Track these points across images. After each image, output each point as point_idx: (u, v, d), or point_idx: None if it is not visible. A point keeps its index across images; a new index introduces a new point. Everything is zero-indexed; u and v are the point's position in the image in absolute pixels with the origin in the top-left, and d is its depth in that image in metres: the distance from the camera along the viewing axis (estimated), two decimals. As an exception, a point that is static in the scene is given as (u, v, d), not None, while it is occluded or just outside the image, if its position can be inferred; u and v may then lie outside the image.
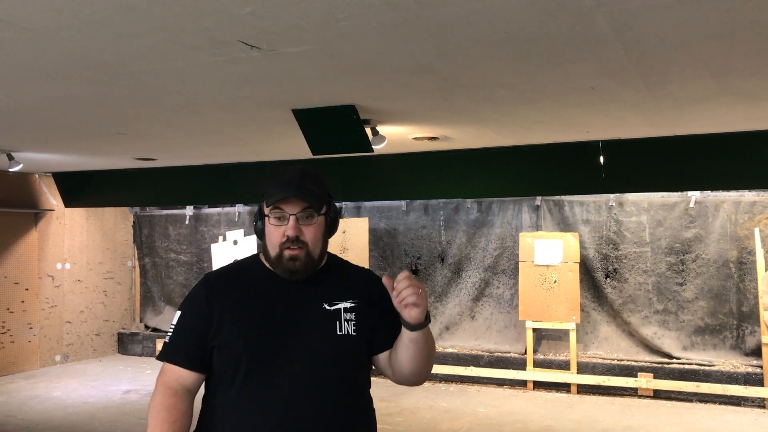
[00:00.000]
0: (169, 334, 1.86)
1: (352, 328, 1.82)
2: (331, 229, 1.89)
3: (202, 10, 2.26)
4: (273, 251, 1.81)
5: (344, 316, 1.83)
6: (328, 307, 1.83)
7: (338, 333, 1.81)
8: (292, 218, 1.79)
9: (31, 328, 8.06)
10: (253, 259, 1.94)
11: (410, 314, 1.71)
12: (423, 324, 1.74)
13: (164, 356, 1.84)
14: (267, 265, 1.87)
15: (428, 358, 1.85)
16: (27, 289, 8.04)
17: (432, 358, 1.87)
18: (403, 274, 1.72)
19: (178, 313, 1.88)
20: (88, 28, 2.44)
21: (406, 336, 1.78)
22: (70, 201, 8.21)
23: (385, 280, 1.75)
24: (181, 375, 1.80)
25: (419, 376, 1.87)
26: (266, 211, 1.83)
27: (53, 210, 8.33)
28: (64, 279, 8.46)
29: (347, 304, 1.84)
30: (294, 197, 1.78)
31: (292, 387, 1.74)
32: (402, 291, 1.69)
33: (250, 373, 1.74)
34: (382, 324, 1.86)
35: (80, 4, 2.20)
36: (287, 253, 1.78)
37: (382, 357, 1.89)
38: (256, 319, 1.79)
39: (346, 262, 2.02)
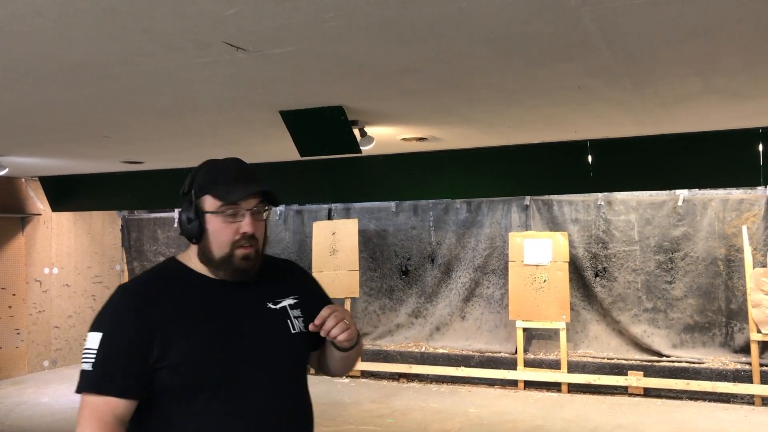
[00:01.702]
0: (90, 360, 1.58)
1: (302, 324, 1.77)
2: (266, 224, 1.81)
3: (185, 12, 2.24)
4: (220, 251, 1.68)
5: (292, 314, 1.76)
6: (273, 306, 1.75)
7: (293, 332, 1.75)
8: (248, 213, 1.68)
9: (18, 333, 7.99)
10: (174, 264, 1.76)
11: (341, 342, 1.72)
12: (355, 344, 1.77)
13: (91, 387, 1.57)
14: (196, 269, 1.73)
15: (355, 362, 1.89)
16: (14, 295, 7.97)
17: (359, 357, 1.90)
18: (325, 310, 1.69)
19: (98, 334, 1.61)
20: (71, 30, 2.42)
21: (335, 353, 1.80)
22: (57, 205, 8.15)
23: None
24: (117, 406, 1.56)
25: (344, 374, 1.95)
26: (212, 207, 1.68)
27: (40, 214, 8.26)
28: (52, 284, 8.40)
29: (291, 301, 1.78)
30: (252, 192, 1.68)
31: (260, 394, 1.67)
32: (329, 329, 1.68)
33: (216, 389, 1.62)
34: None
35: (62, 6, 2.18)
36: (240, 252, 1.67)
37: (314, 352, 1.88)
38: (207, 331, 1.64)
39: (268, 255, 1.88)
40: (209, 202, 1.69)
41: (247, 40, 2.58)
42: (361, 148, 4.41)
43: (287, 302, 1.77)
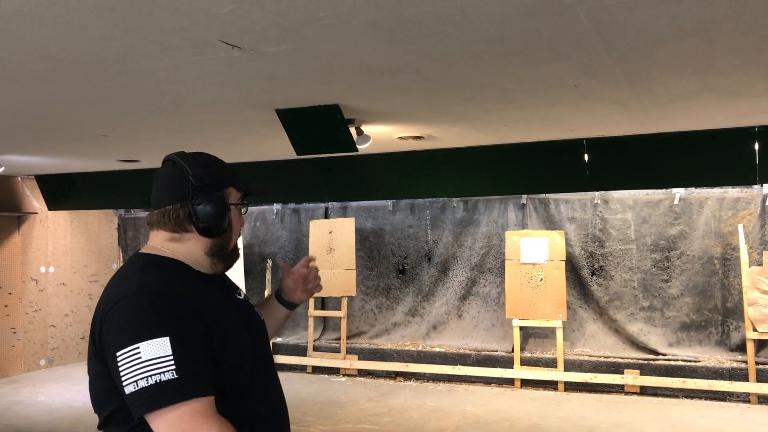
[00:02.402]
0: (170, 367, 1.41)
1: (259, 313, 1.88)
2: None
3: (180, 9, 2.24)
4: (231, 244, 1.74)
5: (251, 302, 1.85)
6: (240, 297, 1.79)
7: (261, 319, 1.84)
8: (244, 208, 1.79)
9: (14, 332, 7.98)
10: (170, 262, 1.66)
11: (301, 298, 2.01)
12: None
13: (193, 392, 1.42)
14: (185, 262, 1.67)
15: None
16: (10, 293, 7.96)
17: None
18: (314, 263, 2.00)
19: (166, 339, 1.43)
20: (65, 28, 2.41)
21: (282, 313, 2.02)
22: (53, 204, 8.13)
23: (282, 264, 2.04)
24: (214, 404, 1.48)
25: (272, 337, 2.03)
26: (235, 199, 1.71)
27: (36, 213, 8.24)
28: (48, 282, 8.38)
29: (243, 292, 1.86)
30: (259, 189, 1.82)
31: (277, 384, 1.78)
32: (313, 279, 2.02)
33: (254, 383, 1.64)
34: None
35: (57, 4, 2.17)
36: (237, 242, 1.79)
37: None
38: (237, 327, 1.64)
39: None
40: (233, 195, 1.71)
41: (243, 39, 2.57)
42: (357, 146, 4.40)
43: (242, 293, 1.84)
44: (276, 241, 8.45)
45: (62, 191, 7.91)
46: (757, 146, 4.91)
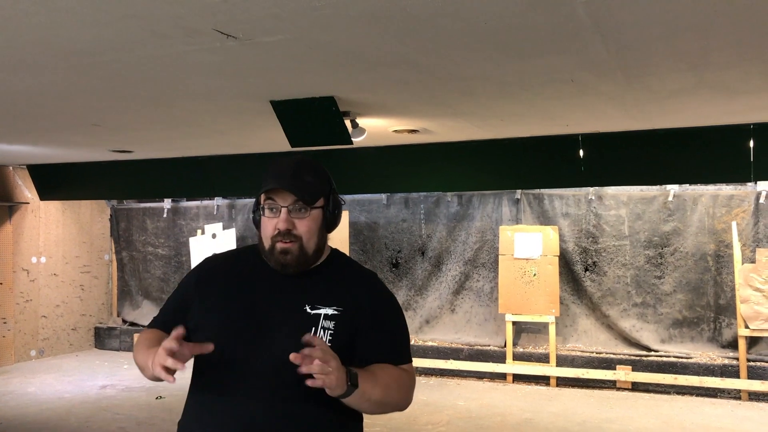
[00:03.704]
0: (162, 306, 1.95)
1: (328, 337, 1.68)
2: (330, 223, 1.82)
3: (175, -3, 2.21)
4: (266, 243, 1.76)
5: (322, 324, 1.70)
6: (309, 311, 1.72)
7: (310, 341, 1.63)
8: (283, 210, 1.72)
9: (5, 322, 7.94)
10: (253, 248, 1.88)
11: (322, 386, 1.56)
12: (346, 394, 1.59)
13: (150, 324, 1.91)
14: (263, 256, 1.81)
15: (383, 407, 1.75)
16: (1, 284, 7.91)
17: (391, 400, 1.76)
18: (321, 345, 1.55)
19: (174, 291, 1.96)
20: (57, 15, 2.38)
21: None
22: (45, 194, 8.08)
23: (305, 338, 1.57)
24: (161, 331, 1.83)
25: (383, 412, 1.82)
26: (261, 201, 1.76)
27: (28, 203, 8.19)
28: (40, 273, 8.34)
29: (329, 311, 1.72)
30: (284, 189, 1.71)
31: (250, 391, 1.64)
32: (312, 366, 1.52)
33: (211, 367, 1.71)
34: (373, 335, 1.75)
35: (48, -10, 2.14)
36: (279, 246, 1.72)
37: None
38: (235, 311, 1.74)
39: (352, 261, 1.93)
40: (262, 197, 1.76)
41: (238, 28, 2.54)
42: (352, 139, 4.38)
43: (325, 311, 1.72)
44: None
45: (54, 181, 7.86)
46: (752, 143, 4.91)
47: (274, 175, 1.73)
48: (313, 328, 1.69)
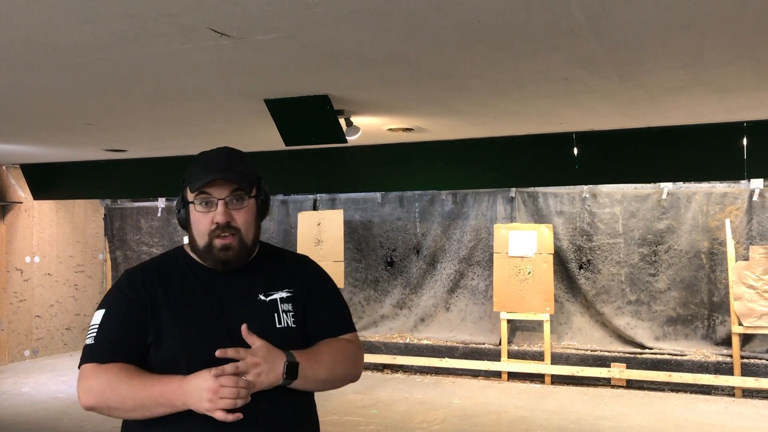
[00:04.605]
0: (92, 335, 1.65)
1: (291, 319, 1.72)
2: (262, 212, 1.78)
3: (169, -5, 2.20)
4: (201, 241, 1.68)
5: (281, 307, 1.72)
6: (263, 298, 1.72)
7: (278, 326, 1.69)
8: (221, 203, 1.66)
9: (-1, 322, 7.91)
10: (179, 251, 1.80)
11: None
12: (287, 382, 1.62)
13: (90, 358, 1.62)
14: (194, 257, 1.75)
15: (332, 383, 1.76)
16: (-6, 283, 7.88)
17: (338, 375, 1.76)
18: (244, 353, 1.58)
19: (101, 312, 1.68)
20: (50, 13, 2.37)
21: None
22: (38, 193, 8.05)
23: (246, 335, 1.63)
24: (113, 367, 1.62)
25: (334, 387, 1.80)
26: (190, 197, 1.69)
27: (21, 202, 8.16)
28: (33, 273, 8.31)
29: (283, 294, 1.74)
30: (222, 179, 1.66)
31: None
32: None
33: (191, 372, 1.59)
34: (317, 312, 1.78)
35: (41, -12, 2.13)
36: (218, 242, 1.66)
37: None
38: (190, 317, 1.66)
39: (279, 248, 1.92)
40: (188, 192, 1.71)
41: (232, 26, 2.54)
42: (346, 137, 4.37)
43: (279, 295, 1.74)
44: (263, 232, 8.22)
45: (48, 180, 7.83)
46: (745, 141, 4.92)
47: (207, 168, 1.68)
48: (275, 314, 1.71)
